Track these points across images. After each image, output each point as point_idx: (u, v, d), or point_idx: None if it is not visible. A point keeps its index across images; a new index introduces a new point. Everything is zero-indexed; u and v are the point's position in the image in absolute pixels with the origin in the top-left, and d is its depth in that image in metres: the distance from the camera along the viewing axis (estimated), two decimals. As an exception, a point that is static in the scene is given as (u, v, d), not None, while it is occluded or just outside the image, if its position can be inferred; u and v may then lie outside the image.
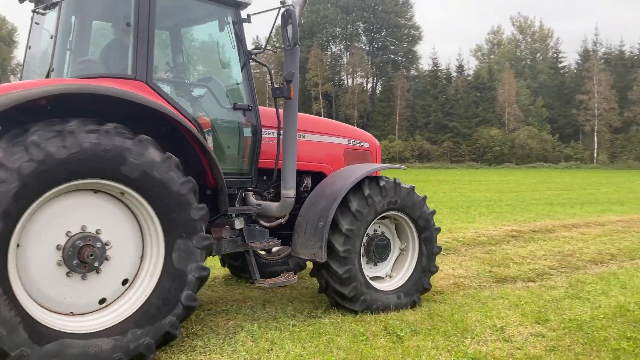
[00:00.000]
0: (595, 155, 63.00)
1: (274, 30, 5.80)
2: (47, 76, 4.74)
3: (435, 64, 70.98)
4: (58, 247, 4.00)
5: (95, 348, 3.95)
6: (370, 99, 72.74)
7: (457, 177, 39.05)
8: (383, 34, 76.01)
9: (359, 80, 75.90)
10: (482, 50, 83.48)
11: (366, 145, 7.07)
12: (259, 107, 5.57)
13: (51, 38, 4.87)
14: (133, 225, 4.42)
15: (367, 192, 5.58)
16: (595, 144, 63.24)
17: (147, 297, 4.31)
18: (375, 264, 6.02)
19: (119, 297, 4.33)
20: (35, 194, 3.75)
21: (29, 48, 5.45)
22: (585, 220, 13.32)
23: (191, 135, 4.61)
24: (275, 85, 5.51)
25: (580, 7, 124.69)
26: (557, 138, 64.98)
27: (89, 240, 4.09)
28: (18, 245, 3.81)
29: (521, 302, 6.21)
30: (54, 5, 5.01)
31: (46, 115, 3.94)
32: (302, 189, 6.21)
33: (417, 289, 6.03)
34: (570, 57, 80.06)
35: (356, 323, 5.35)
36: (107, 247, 4.20)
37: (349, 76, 76.38)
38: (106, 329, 4.08)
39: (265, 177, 5.86)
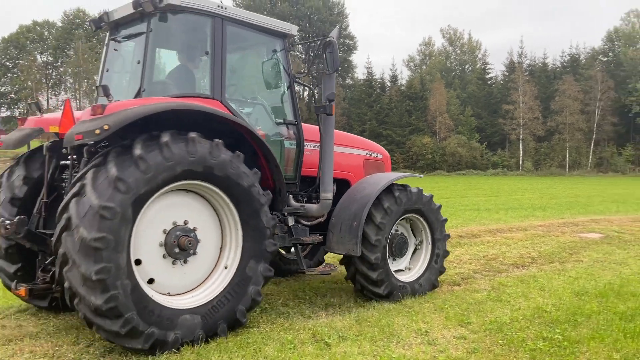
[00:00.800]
0: (520, 162, 65.91)
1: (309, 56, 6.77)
2: (138, 95, 5.37)
3: (370, 74, 72.28)
4: (166, 229, 4.90)
5: (189, 321, 4.81)
6: (306, 107, 73.10)
7: (391, 184, 39.89)
8: (319, 42, 76.67)
9: (296, 87, 75.99)
10: (414, 61, 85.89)
11: (380, 156, 8.14)
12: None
13: (138, 63, 5.59)
14: (215, 219, 5.31)
15: (396, 194, 6.62)
16: (521, 152, 66.19)
17: (226, 281, 5.21)
18: (395, 259, 6.91)
19: (204, 282, 5.22)
20: (146, 198, 4.59)
21: (107, 70, 6.18)
22: (509, 225, 13.88)
23: (260, 143, 5.54)
24: (322, 103, 6.44)
25: (507, 21, 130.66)
26: (485, 146, 67.54)
27: (187, 232, 4.99)
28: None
29: (446, 306, 6.40)
30: (137, 35, 5.80)
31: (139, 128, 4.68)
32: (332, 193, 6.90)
33: (435, 277, 7.16)
34: (497, 69, 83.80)
35: (285, 331, 5.36)
36: (199, 238, 5.10)
37: (285, 84, 76.56)
38: (198, 306, 4.95)
39: (305, 183, 6.83)
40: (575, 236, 12.37)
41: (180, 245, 4.92)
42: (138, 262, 4.69)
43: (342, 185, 7.07)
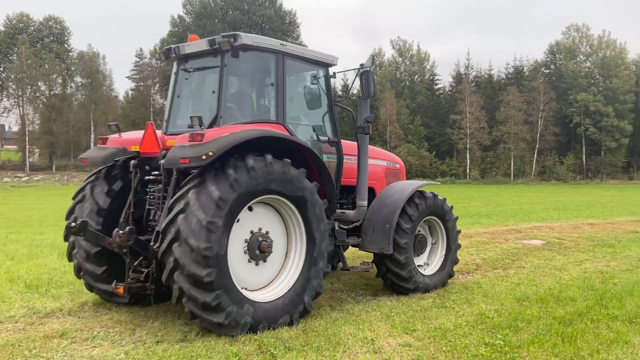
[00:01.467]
0: (468, 171, 67.52)
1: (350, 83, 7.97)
2: (216, 121, 6.21)
3: (322, 83, 72.82)
4: (245, 241, 5.88)
5: (271, 312, 5.78)
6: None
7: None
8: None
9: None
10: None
11: (397, 165, 9.15)
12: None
13: (213, 92, 6.45)
14: (282, 225, 6.30)
15: (417, 201, 7.67)
16: (468, 161, 67.82)
17: (296, 276, 6.19)
18: (416, 255, 7.85)
19: (276, 279, 6.21)
20: (238, 212, 5.58)
21: (177, 97, 7.00)
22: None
23: (317, 161, 6.51)
24: (359, 124, 7.53)
25: (454, 34, 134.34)
26: (434, 155, 68.88)
27: (264, 237, 6.00)
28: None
29: (392, 314, 6.47)
30: (210, 68, 6.70)
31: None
32: None
33: (449, 271, 8.21)
34: (445, 80, 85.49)
35: (230, 344, 5.28)
36: (273, 243, 6.08)
37: (237, 92, 76.14)
38: (275, 299, 5.92)
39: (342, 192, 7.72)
40: (518, 243, 12.75)
41: (260, 249, 5.95)
42: None
43: (368, 192, 7.79)
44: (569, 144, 72.01)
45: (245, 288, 5.82)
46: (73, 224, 5.60)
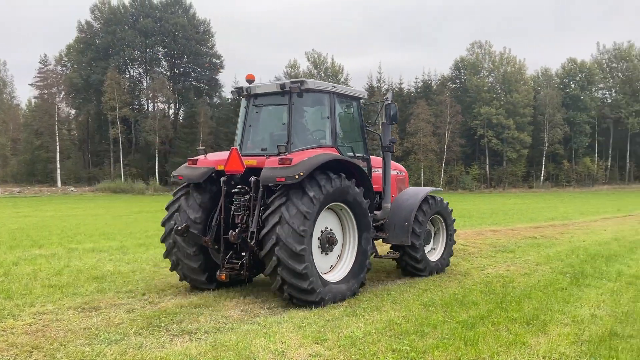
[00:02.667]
0: (381, 181, 69.34)
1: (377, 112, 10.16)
2: (287, 147, 7.87)
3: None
4: (318, 238, 7.81)
5: (335, 289, 7.75)
6: (172, 125, 70.96)
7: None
8: (185, 60, 75.03)
9: (161, 105, 73.70)
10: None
11: (403, 173, 11.25)
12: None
13: (283, 124, 8.38)
14: (339, 226, 8.27)
15: (428, 203, 9.91)
16: (382, 171, 69.68)
17: (351, 264, 8.18)
18: (425, 245, 9.99)
19: (336, 265, 8.23)
20: (316, 219, 7.50)
21: (249, 126, 8.83)
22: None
23: (362, 174, 8.47)
24: (385, 144, 9.66)
25: (366, 47, 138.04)
26: (349, 165, 70.19)
27: (331, 233, 8.00)
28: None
29: (304, 324, 6.48)
30: (278, 104, 8.68)
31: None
32: None
33: (448, 258, 10.53)
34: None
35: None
36: (335, 238, 8.07)
37: (149, 101, 73.73)
38: (339, 280, 7.93)
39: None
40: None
41: (328, 242, 7.94)
42: None
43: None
44: (473, 154, 75.96)
45: (320, 273, 7.70)
46: (179, 227, 7.69)
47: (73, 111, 74.21)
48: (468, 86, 75.62)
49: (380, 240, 9.63)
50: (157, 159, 65.57)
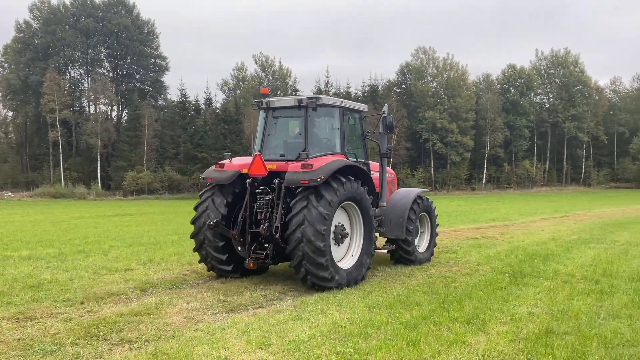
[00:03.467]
0: (330, 184, 69.75)
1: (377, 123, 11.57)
2: (303, 153, 9.25)
3: (184, 95, 70.60)
4: (333, 230, 9.08)
5: (346, 274, 9.10)
6: (115, 128, 68.98)
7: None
8: (128, 61, 73.27)
9: (103, 107, 71.53)
10: (228, 85, 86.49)
11: (393, 176, 12.72)
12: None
13: (300, 134, 9.74)
14: (348, 220, 9.58)
15: (417, 203, 11.58)
16: (330, 174, 70.11)
17: (358, 253, 9.58)
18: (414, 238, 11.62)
19: (346, 255, 9.57)
20: (332, 217, 8.81)
21: (268, 135, 10.09)
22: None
23: (366, 176, 9.94)
24: (382, 151, 11.35)
25: (314, 52, 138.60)
26: (299, 168, 70.15)
27: (343, 228, 9.33)
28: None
29: (248, 329, 6.42)
30: (294, 117, 9.99)
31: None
32: None
33: (432, 250, 12.29)
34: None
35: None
36: (347, 231, 9.46)
37: (91, 103, 71.39)
38: (349, 267, 9.32)
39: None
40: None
41: (341, 235, 9.26)
42: None
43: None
44: (419, 158, 77.51)
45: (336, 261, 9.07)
46: (211, 222, 8.93)
47: (10, 113, 71.35)
48: (413, 91, 77.15)
49: (377, 234, 10.91)
50: (99, 162, 63.68)
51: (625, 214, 29.84)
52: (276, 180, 9.27)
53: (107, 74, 72.67)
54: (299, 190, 8.86)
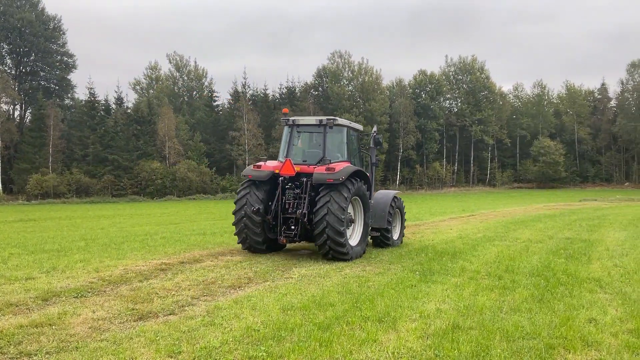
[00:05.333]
0: (247, 186, 69.07)
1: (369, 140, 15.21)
2: (322, 160, 12.83)
3: (93, 94, 67.38)
4: (346, 217, 12.21)
5: (353, 250, 12.57)
6: (18, 129, 64.70)
7: (117, 212, 37.39)
8: (32, 58, 69.06)
9: (4, 107, 66.84)
10: (140, 84, 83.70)
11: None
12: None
13: (319, 146, 13.25)
14: (352, 209, 12.93)
15: (395, 201, 15.24)
16: (247, 176, 69.42)
17: (360, 234, 13.16)
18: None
19: (352, 235, 13.05)
20: (346, 208, 12.17)
21: (294, 144, 13.60)
22: (230, 247, 14.34)
23: (367, 179, 13.61)
24: (372, 161, 15.02)
25: (231, 52, 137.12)
26: (214, 171, 69.04)
27: (351, 216, 12.88)
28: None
29: (157, 337, 6.21)
30: (315, 132, 13.56)
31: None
32: None
33: (401, 238, 15.91)
34: (223, 97, 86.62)
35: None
36: (353, 218, 13.07)
37: (-11, 102, 66.54)
38: (355, 244, 12.81)
39: None
40: (288, 254, 13.38)
41: (350, 221, 12.64)
42: None
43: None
44: (337, 159, 78.52)
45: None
46: (254, 209, 12.37)
47: None
48: (330, 94, 78.19)
49: None
50: (0, 165, 59.44)
51: (527, 213, 31.78)
52: (304, 179, 12.50)
53: (8, 71, 68.10)
54: (321, 188, 12.11)
